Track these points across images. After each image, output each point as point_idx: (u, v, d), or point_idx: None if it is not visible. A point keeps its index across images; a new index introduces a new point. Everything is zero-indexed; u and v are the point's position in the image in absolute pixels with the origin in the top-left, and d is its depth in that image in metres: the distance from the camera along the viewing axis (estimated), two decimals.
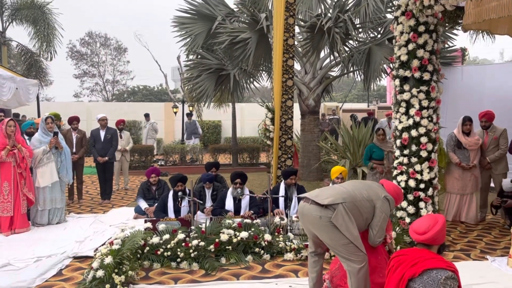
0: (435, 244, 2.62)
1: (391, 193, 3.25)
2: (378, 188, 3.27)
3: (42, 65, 15.70)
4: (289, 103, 6.50)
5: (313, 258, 3.42)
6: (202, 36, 9.80)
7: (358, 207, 3.07)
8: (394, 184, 3.42)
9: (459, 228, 5.68)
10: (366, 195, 3.14)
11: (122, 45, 34.96)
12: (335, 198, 3.04)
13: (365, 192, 3.16)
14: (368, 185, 3.32)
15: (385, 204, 3.16)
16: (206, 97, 9.96)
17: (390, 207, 3.21)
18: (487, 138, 5.95)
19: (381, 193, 3.20)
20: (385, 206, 3.16)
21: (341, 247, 3.00)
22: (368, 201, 3.13)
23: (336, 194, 3.08)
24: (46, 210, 5.92)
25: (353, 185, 3.29)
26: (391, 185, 3.34)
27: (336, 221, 2.97)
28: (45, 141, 6.02)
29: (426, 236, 2.58)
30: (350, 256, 2.98)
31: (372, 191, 3.20)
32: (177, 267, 4.22)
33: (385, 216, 3.15)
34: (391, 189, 3.29)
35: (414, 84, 4.68)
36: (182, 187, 5.73)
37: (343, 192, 3.13)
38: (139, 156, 12.12)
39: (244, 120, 19.86)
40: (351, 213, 3.02)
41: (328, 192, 3.15)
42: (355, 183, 3.39)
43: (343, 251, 3.00)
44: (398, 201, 3.34)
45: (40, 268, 4.14)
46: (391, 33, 8.69)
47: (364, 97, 32.02)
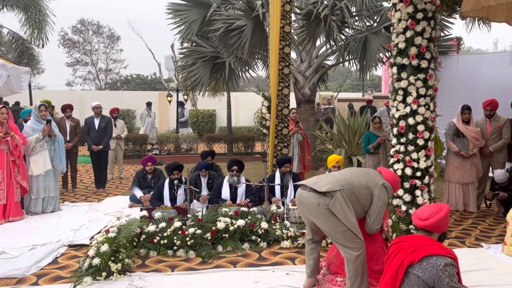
0: (436, 232, 2.62)
1: (389, 180, 3.25)
2: (376, 175, 3.27)
3: (33, 52, 15.44)
4: (285, 91, 6.46)
5: (310, 245, 3.43)
6: (197, 23, 9.68)
7: (356, 194, 3.07)
8: (392, 171, 3.41)
9: (454, 216, 5.72)
10: (364, 183, 3.14)
11: (115, 33, 34.53)
12: (333, 186, 3.03)
13: (363, 180, 3.16)
14: (366, 172, 3.31)
15: (383, 191, 3.16)
16: (201, 85, 9.88)
17: (388, 194, 3.21)
18: (490, 127, 5.95)
19: (379, 180, 3.20)
20: (383, 194, 3.15)
21: (339, 234, 2.99)
22: (366, 189, 3.13)
23: (334, 182, 3.08)
24: (40, 199, 5.87)
25: (351, 172, 3.28)
26: (389, 173, 3.33)
27: (334, 208, 2.97)
28: (38, 129, 5.95)
29: (428, 222, 2.58)
30: (348, 243, 2.98)
31: (370, 178, 3.20)
32: (174, 255, 4.20)
33: (382, 204, 3.16)
34: (389, 176, 3.28)
35: (412, 71, 4.66)
36: (178, 175, 5.70)
37: (341, 179, 3.12)
38: (133, 145, 12.05)
39: (238, 109, 19.80)
40: (349, 200, 3.02)
41: (326, 179, 3.14)
42: (353, 170, 3.38)
43: (341, 238, 3.00)
44: (396, 189, 3.34)
45: (35, 256, 4.11)
46: (388, 21, 8.67)
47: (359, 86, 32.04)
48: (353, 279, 2.97)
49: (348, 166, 8.23)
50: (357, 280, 2.96)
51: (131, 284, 3.51)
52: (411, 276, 2.49)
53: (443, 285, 2.37)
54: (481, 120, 6.07)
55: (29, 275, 3.72)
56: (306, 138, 7.30)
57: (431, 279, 2.41)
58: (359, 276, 2.97)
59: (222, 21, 8.70)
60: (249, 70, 10.42)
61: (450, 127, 5.95)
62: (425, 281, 2.43)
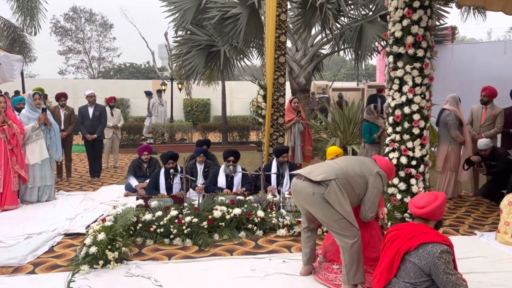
0: (432, 219, 2.64)
1: (384, 168, 3.27)
2: (371, 163, 3.28)
3: (25, 40, 15.25)
4: (281, 80, 6.44)
5: (306, 233, 3.46)
6: (191, 11, 9.59)
7: (351, 182, 3.09)
8: (386, 159, 3.43)
9: (447, 205, 5.77)
10: (359, 171, 3.16)
11: (107, 21, 34.15)
12: (328, 175, 3.05)
13: (358, 168, 3.17)
14: (361, 160, 3.33)
15: (378, 179, 3.17)
16: (195, 74, 9.83)
17: (383, 182, 3.22)
18: (485, 114, 6.00)
19: (373, 168, 3.21)
20: (378, 182, 3.17)
21: (334, 222, 3.02)
22: (361, 177, 3.14)
23: (329, 171, 3.10)
24: (36, 188, 5.84)
25: (346, 161, 3.30)
26: (383, 161, 3.35)
27: (329, 197, 2.99)
28: (33, 117, 5.89)
29: (425, 210, 2.60)
30: (343, 231, 3.01)
31: (365, 166, 3.21)
32: (170, 243, 4.22)
33: (377, 192, 3.17)
34: (384, 164, 3.30)
35: (408, 60, 4.65)
36: (174, 164, 5.69)
37: (336, 168, 3.14)
38: (127, 134, 11.99)
39: (233, 99, 19.74)
40: (344, 188, 3.04)
41: (321, 168, 3.16)
42: (347, 159, 3.40)
43: (336, 227, 3.02)
44: (391, 177, 3.36)
45: (31, 245, 4.10)
46: (383, 10, 8.65)
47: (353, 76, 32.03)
48: (348, 267, 3.00)
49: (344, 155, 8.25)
50: (353, 267, 3.00)
51: (128, 272, 3.52)
52: (407, 263, 2.51)
53: (439, 272, 2.40)
54: (476, 107, 6.12)
55: (25, 264, 3.72)
56: (308, 127, 7.24)
57: (427, 266, 2.44)
58: (354, 264, 3.00)
59: (217, 9, 8.63)
60: (244, 59, 10.37)
61: (455, 117, 5.91)
62: (421, 268, 2.46)
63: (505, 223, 4.24)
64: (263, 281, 3.38)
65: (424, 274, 2.46)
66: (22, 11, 13.61)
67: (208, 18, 8.98)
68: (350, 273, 3.00)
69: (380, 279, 2.66)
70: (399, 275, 2.56)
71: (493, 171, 5.55)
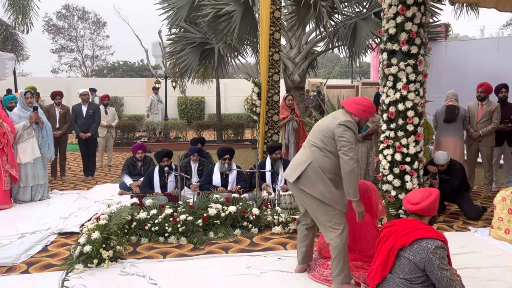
0: (426, 215, 2.65)
1: (352, 109, 3.12)
2: (335, 118, 3.12)
3: (18, 38, 15.11)
4: (275, 77, 6.43)
5: (303, 231, 3.45)
6: (185, 8, 9.55)
7: (324, 153, 3.07)
8: (354, 98, 3.26)
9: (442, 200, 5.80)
10: (323, 136, 3.09)
11: (101, 19, 33.94)
12: (301, 166, 3.11)
13: (322, 134, 3.10)
14: (325, 122, 3.18)
15: (340, 129, 3.00)
16: (190, 72, 9.79)
17: (351, 128, 3.02)
18: (481, 110, 6.03)
19: (335, 121, 3.06)
20: (342, 131, 2.99)
21: (319, 214, 3.09)
22: (329, 139, 3.06)
23: (300, 161, 3.16)
24: (29, 187, 5.80)
25: (312, 135, 3.23)
26: (349, 102, 3.18)
27: (303, 186, 3.08)
28: (24, 116, 5.85)
29: (419, 206, 2.61)
30: (327, 222, 3.05)
31: (327, 127, 3.09)
32: (165, 241, 4.20)
33: (345, 142, 2.96)
34: (351, 105, 3.14)
35: (402, 57, 4.67)
36: (168, 162, 5.67)
37: (304, 154, 3.18)
38: (121, 133, 11.93)
39: (228, 96, 19.70)
40: (323, 164, 3.06)
41: (294, 163, 3.23)
42: (313, 131, 3.27)
43: (322, 218, 3.09)
44: (364, 113, 3.15)
45: (25, 244, 4.07)
46: (377, 7, 8.66)
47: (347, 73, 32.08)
48: (334, 265, 3.06)
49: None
50: (338, 266, 3.04)
51: (123, 271, 3.50)
52: (402, 259, 2.52)
53: (434, 267, 2.41)
54: (473, 104, 6.15)
55: (19, 263, 3.69)
56: (303, 125, 7.24)
57: (421, 261, 2.45)
58: (340, 262, 3.03)
59: (211, 7, 8.59)
60: (238, 57, 10.35)
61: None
62: (415, 263, 2.46)
63: (499, 218, 4.26)
64: (259, 279, 3.37)
65: (419, 270, 2.47)
66: (14, 9, 13.49)
67: (202, 16, 8.95)
68: (335, 271, 3.06)
69: (375, 275, 2.67)
70: (394, 271, 2.57)
71: (446, 186, 5.00)
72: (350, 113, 3.15)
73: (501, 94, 6.10)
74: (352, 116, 3.13)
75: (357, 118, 3.15)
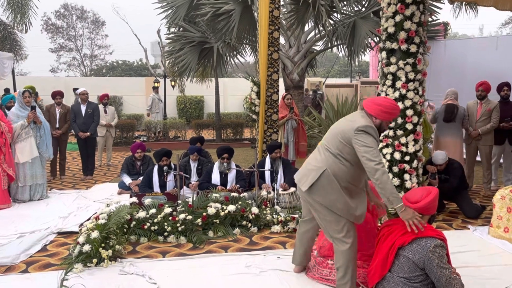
0: (425, 214, 2.65)
1: (372, 111, 2.86)
2: (352, 121, 2.85)
3: (16, 37, 15.08)
4: (274, 76, 6.43)
5: (304, 227, 3.33)
6: (184, 7, 9.54)
7: (339, 161, 2.80)
8: (379, 99, 2.93)
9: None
10: (339, 142, 2.82)
11: (99, 18, 33.88)
12: (313, 175, 2.86)
13: (338, 139, 2.84)
14: (340, 125, 2.94)
15: (360, 135, 2.72)
16: (188, 71, 9.78)
17: (371, 133, 2.74)
18: (481, 109, 6.03)
19: (353, 126, 2.78)
20: (361, 137, 2.71)
21: (329, 224, 2.87)
22: (345, 145, 2.79)
23: (313, 169, 2.90)
24: (27, 186, 5.79)
25: (325, 139, 2.98)
26: (370, 103, 2.88)
27: (316, 195, 2.84)
28: (22, 115, 5.83)
29: (418, 205, 2.61)
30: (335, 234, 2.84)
31: (344, 130, 2.83)
32: (165, 241, 4.20)
33: (366, 148, 2.67)
34: (372, 107, 2.85)
35: (401, 56, 4.66)
36: (167, 161, 5.66)
37: (318, 160, 2.91)
38: (120, 132, 11.92)
39: (227, 96, 19.68)
40: (338, 172, 2.79)
41: (307, 169, 2.98)
42: (327, 134, 3.03)
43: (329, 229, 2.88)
44: (386, 115, 2.85)
45: (24, 244, 4.06)
46: (376, 6, 8.66)
47: (346, 72, 32.08)
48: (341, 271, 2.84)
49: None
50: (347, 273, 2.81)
51: (122, 270, 3.50)
52: (402, 258, 2.53)
53: (433, 266, 2.42)
54: (472, 103, 6.15)
55: (18, 263, 3.69)
56: (302, 124, 7.22)
57: (421, 260, 2.45)
58: (349, 269, 2.80)
59: (209, 5, 8.59)
60: (237, 56, 10.34)
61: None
62: (415, 262, 2.47)
63: (498, 217, 4.27)
64: (258, 278, 3.37)
65: (418, 268, 2.47)
66: (13, 8, 13.48)
67: (200, 15, 8.94)
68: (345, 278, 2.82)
69: (375, 274, 2.67)
70: (394, 270, 2.57)
71: (445, 186, 5.02)
72: (370, 115, 2.87)
73: (503, 93, 6.10)
74: (373, 119, 2.85)
75: (378, 121, 2.86)
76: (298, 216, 4.53)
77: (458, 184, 5.05)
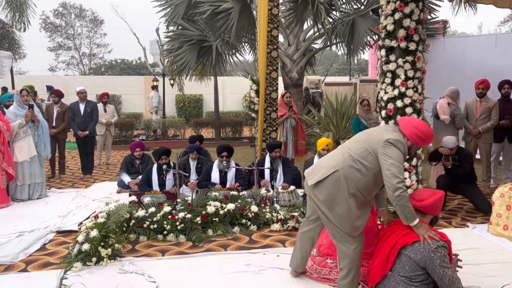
0: (429, 214, 2.65)
1: (407, 131, 2.75)
2: (381, 133, 2.76)
3: (15, 36, 15.05)
4: (273, 74, 6.42)
5: (307, 226, 3.22)
6: (183, 6, 9.52)
7: (355, 165, 2.70)
8: (414, 119, 2.86)
9: None
10: (363, 149, 2.73)
11: (98, 16, 33.84)
12: (323, 172, 2.77)
13: (363, 145, 2.75)
14: (368, 134, 2.85)
15: (388, 149, 2.63)
16: (187, 69, 9.76)
17: (400, 149, 2.66)
18: (480, 106, 6.02)
19: (382, 137, 2.69)
20: (389, 150, 2.63)
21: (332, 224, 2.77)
22: (369, 154, 2.69)
23: (326, 166, 2.81)
24: (26, 185, 5.78)
25: (350, 142, 2.90)
26: (406, 122, 2.78)
27: (319, 192, 2.75)
28: (20, 114, 5.82)
29: (424, 203, 2.61)
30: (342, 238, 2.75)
31: (372, 140, 2.74)
32: (164, 239, 4.19)
33: (393, 161, 2.58)
34: (406, 127, 2.75)
35: (400, 54, 4.66)
36: (166, 160, 5.66)
37: (334, 159, 2.82)
38: (119, 131, 11.90)
39: (226, 94, 19.66)
40: (350, 176, 2.69)
41: (320, 165, 2.89)
42: (354, 138, 2.95)
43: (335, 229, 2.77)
44: (420, 140, 2.74)
45: (23, 243, 4.06)
46: (375, 4, 8.64)
47: (345, 70, 32.06)
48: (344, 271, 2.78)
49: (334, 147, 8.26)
50: (350, 274, 2.75)
51: (121, 269, 3.50)
52: (403, 257, 2.52)
53: (435, 266, 2.41)
54: (471, 101, 6.14)
55: (17, 262, 3.68)
56: (300, 122, 7.20)
57: (422, 260, 2.44)
58: (352, 270, 2.74)
59: (208, 4, 8.56)
60: (236, 54, 10.32)
61: (458, 109, 6.01)
62: (416, 261, 2.46)
63: (497, 215, 4.27)
64: (258, 276, 3.37)
65: (419, 268, 2.46)
66: (11, 7, 13.44)
67: (199, 13, 8.91)
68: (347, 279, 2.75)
69: (375, 273, 2.66)
70: (394, 269, 2.56)
71: (458, 171, 5.04)
72: (403, 135, 2.76)
73: (504, 90, 6.10)
74: (405, 139, 2.75)
75: (409, 143, 2.75)
76: (297, 215, 4.53)
77: (470, 171, 5.07)
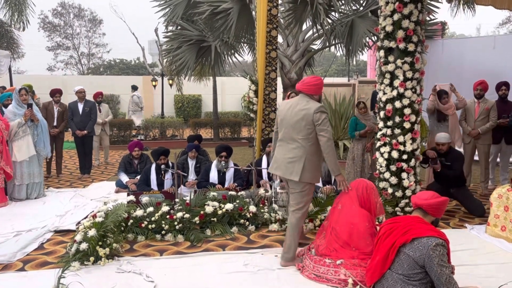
0: (431, 214, 2.66)
1: (311, 92, 3.57)
2: (307, 107, 3.46)
3: (13, 36, 15.02)
4: (272, 75, 6.43)
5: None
6: (181, 6, 9.51)
7: (311, 142, 3.47)
8: (306, 81, 3.61)
9: None
10: (304, 133, 3.46)
11: (97, 16, 33.81)
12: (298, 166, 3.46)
13: (297, 128, 3.48)
14: (296, 116, 3.51)
15: (320, 115, 3.40)
16: (186, 69, 9.75)
17: (326, 111, 3.45)
18: (478, 108, 6.04)
19: (311, 110, 3.41)
20: (323, 116, 3.41)
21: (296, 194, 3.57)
22: (309, 129, 3.44)
23: (294, 160, 3.48)
24: (24, 185, 5.76)
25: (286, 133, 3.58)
26: (304, 86, 3.59)
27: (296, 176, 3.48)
28: (19, 113, 5.81)
29: (428, 201, 2.63)
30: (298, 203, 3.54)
31: (306, 120, 3.44)
32: (162, 239, 4.19)
33: (324, 119, 3.41)
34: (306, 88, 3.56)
35: (399, 55, 4.66)
36: (165, 160, 5.66)
37: (296, 152, 3.51)
38: (118, 131, 11.89)
39: (224, 94, 19.67)
40: (313, 152, 3.49)
41: (285, 163, 3.55)
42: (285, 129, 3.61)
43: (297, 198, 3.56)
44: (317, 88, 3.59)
45: (21, 242, 4.05)
46: (374, 5, 8.65)
47: (344, 71, 32.10)
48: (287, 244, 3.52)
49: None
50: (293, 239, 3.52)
51: (119, 268, 3.49)
52: (401, 254, 2.52)
53: (434, 264, 2.41)
54: (469, 102, 6.16)
55: (14, 261, 3.68)
56: None
57: (421, 258, 2.45)
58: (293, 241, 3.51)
59: (207, 4, 8.56)
60: (235, 54, 10.32)
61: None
62: (415, 259, 2.47)
63: (495, 216, 4.28)
64: (256, 276, 3.37)
65: (418, 266, 2.47)
66: (10, 6, 13.40)
67: (198, 13, 8.91)
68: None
69: (374, 273, 2.67)
70: (393, 267, 2.57)
71: (450, 172, 5.04)
72: (312, 96, 3.55)
73: (501, 92, 6.11)
74: (317, 98, 3.56)
75: (316, 97, 3.56)
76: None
77: (461, 173, 5.07)
